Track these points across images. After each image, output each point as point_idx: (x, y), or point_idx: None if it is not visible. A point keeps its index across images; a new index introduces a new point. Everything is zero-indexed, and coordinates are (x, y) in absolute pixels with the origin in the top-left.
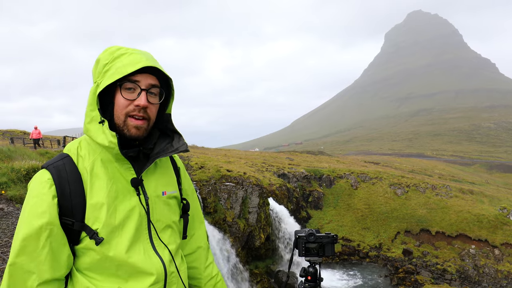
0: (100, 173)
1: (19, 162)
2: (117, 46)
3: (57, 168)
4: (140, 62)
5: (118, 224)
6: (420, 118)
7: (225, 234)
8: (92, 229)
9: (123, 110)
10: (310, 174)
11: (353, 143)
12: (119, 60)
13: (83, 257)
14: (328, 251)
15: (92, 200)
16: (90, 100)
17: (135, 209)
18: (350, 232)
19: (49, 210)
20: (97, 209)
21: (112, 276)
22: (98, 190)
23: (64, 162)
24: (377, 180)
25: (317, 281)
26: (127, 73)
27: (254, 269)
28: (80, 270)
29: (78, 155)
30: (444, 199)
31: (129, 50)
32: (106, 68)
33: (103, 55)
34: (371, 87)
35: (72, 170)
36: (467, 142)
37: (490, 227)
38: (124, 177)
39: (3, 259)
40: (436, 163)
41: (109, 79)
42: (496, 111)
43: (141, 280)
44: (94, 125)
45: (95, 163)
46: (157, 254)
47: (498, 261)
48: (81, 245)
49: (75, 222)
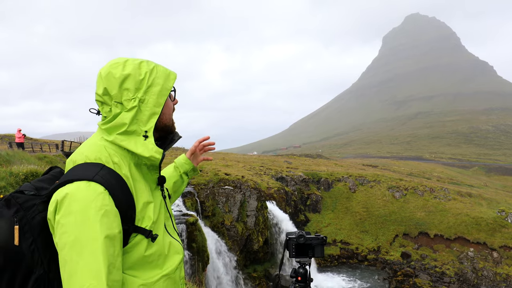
0: (137, 176)
1: (17, 167)
2: (135, 59)
3: (105, 178)
4: (171, 74)
5: (156, 219)
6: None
7: (223, 238)
8: (144, 228)
9: (172, 112)
10: (308, 178)
11: (351, 146)
12: (157, 76)
13: (127, 257)
14: (318, 253)
15: (140, 202)
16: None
17: (162, 204)
18: (349, 235)
19: (117, 220)
20: (144, 209)
21: (152, 268)
22: (142, 191)
23: (107, 171)
24: (376, 183)
25: (307, 282)
26: (171, 87)
27: (253, 273)
28: (123, 271)
29: (113, 163)
30: (443, 202)
31: (152, 63)
32: (147, 84)
33: (133, 70)
34: (369, 90)
35: (117, 178)
36: (466, 145)
37: (489, 230)
38: (150, 177)
39: None
40: (434, 166)
41: (163, 97)
42: (494, 114)
43: (172, 260)
44: (133, 138)
45: (131, 168)
46: (173, 237)
47: (497, 263)
48: (129, 245)
49: (131, 226)
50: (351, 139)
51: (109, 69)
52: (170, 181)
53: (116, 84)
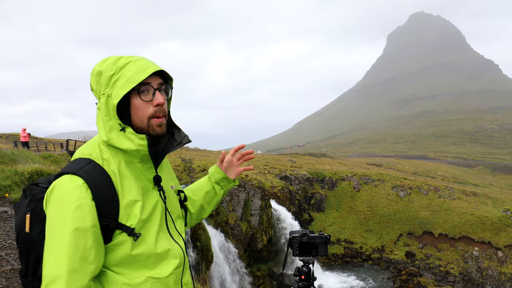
0: (127, 174)
1: (22, 166)
2: (115, 56)
3: (88, 173)
4: (149, 68)
5: (147, 218)
6: (423, 120)
7: (227, 237)
8: (128, 226)
9: (145, 112)
10: (313, 177)
11: (356, 145)
12: (127, 69)
13: (113, 254)
14: (322, 251)
15: (125, 199)
16: (105, 111)
17: (158, 204)
18: (353, 234)
19: (91, 213)
20: (130, 207)
21: (141, 268)
22: (129, 189)
23: (92, 166)
24: (380, 182)
25: (310, 280)
26: (140, 80)
27: (257, 272)
28: (108, 267)
29: (102, 159)
30: (447, 201)
31: (131, 58)
32: (114, 78)
33: (104, 66)
34: (374, 89)
35: (101, 173)
36: (470, 143)
37: (494, 229)
38: (146, 176)
39: (7, 260)
40: (439, 165)
41: (124, 89)
42: (499, 113)
43: (167, 264)
44: (114, 134)
45: (121, 165)
46: (175, 241)
47: (502, 263)
48: (112, 242)
49: (111, 222)
50: (355, 138)
51: (94, 66)
52: (202, 191)
53: (95, 80)
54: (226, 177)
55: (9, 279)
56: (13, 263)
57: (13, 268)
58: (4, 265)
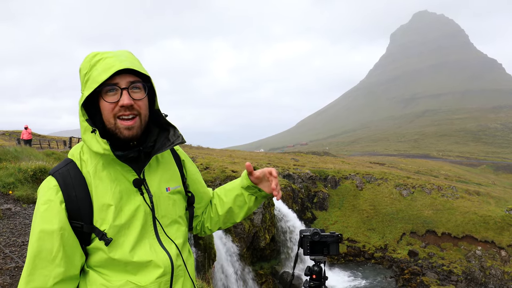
0: (103, 176)
1: (26, 163)
2: (94, 52)
3: (62, 174)
4: (113, 67)
5: (124, 223)
6: (426, 119)
7: (230, 235)
8: (101, 230)
9: (110, 113)
10: (315, 175)
11: (359, 144)
12: (95, 68)
13: (94, 256)
14: (333, 250)
15: (98, 202)
16: (79, 111)
17: (139, 208)
18: (356, 233)
19: (59, 216)
20: (104, 211)
21: (121, 272)
22: (103, 193)
23: (68, 167)
24: (383, 181)
25: (322, 280)
26: (102, 81)
27: (259, 270)
28: (91, 267)
29: (81, 160)
30: (450, 200)
31: (104, 55)
32: (86, 77)
33: (82, 64)
34: (377, 88)
35: (76, 174)
36: (474, 143)
37: (497, 229)
38: (127, 178)
39: (11, 257)
40: (442, 164)
41: (88, 90)
42: (503, 112)
43: (149, 272)
44: (88, 135)
45: (97, 166)
46: (164, 249)
47: (505, 262)
48: (92, 245)
49: (84, 225)
50: (358, 136)
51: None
52: (232, 193)
53: (80, 78)
54: (254, 186)
55: (14, 276)
56: (17, 261)
57: (18, 266)
58: (9, 263)
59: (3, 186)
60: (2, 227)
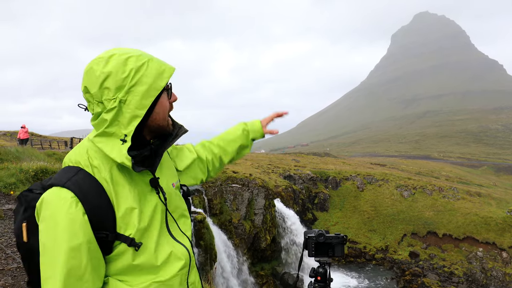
0: (120, 180)
1: (27, 163)
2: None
3: (77, 184)
4: (164, 71)
5: (147, 225)
6: (427, 120)
7: (231, 236)
8: (127, 236)
9: (167, 112)
10: (316, 176)
11: (359, 145)
12: (144, 74)
13: (115, 264)
14: (338, 252)
15: (121, 208)
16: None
17: (157, 207)
18: (356, 234)
19: (83, 229)
20: (128, 215)
21: (144, 274)
22: (124, 197)
23: (80, 176)
24: (384, 182)
25: (326, 282)
26: (162, 87)
27: (260, 271)
28: (111, 275)
29: (92, 166)
30: (451, 202)
31: (142, 58)
32: (131, 83)
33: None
34: (378, 88)
35: (92, 183)
36: (475, 144)
37: (498, 230)
38: (142, 179)
39: (13, 258)
40: (443, 165)
41: (149, 98)
42: (504, 113)
43: (171, 266)
44: (112, 140)
45: (112, 171)
46: (179, 242)
47: (506, 264)
48: (114, 253)
49: (109, 234)
50: (359, 137)
51: (91, 65)
52: (236, 144)
53: (96, 83)
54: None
55: (15, 277)
56: (19, 261)
57: (19, 267)
58: (10, 263)
59: (4, 186)
60: (3, 227)
